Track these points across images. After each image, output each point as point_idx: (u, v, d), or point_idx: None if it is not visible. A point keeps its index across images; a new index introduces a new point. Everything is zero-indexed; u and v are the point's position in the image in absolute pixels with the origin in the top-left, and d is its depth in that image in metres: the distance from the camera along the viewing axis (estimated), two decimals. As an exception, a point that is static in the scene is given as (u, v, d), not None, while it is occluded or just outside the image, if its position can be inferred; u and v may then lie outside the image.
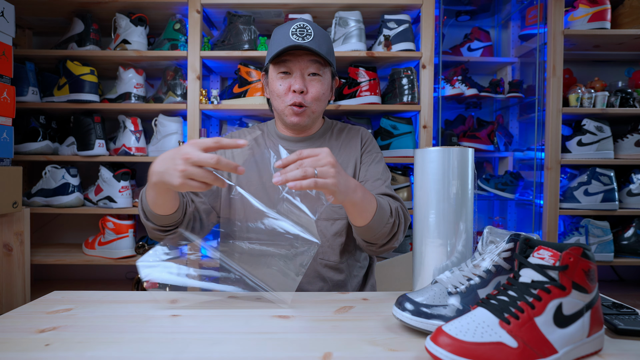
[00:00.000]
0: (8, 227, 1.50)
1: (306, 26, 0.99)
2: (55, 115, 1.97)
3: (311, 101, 1.02)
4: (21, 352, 0.58)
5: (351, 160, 1.09)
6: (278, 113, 1.07)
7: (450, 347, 0.51)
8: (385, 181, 1.07)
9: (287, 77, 1.02)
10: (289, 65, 1.01)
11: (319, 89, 1.02)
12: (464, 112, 2.24)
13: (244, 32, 1.77)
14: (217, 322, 0.70)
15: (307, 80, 1.02)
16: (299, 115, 1.02)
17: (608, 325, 0.65)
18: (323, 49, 1.00)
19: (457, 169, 0.78)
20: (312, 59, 1.01)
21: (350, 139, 1.13)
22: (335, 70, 1.09)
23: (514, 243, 0.65)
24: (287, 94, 1.02)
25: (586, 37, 1.87)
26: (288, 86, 1.01)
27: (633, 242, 1.90)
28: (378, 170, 1.08)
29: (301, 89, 0.99)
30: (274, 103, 1.06)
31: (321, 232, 1.04)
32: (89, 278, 2.15)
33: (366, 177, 1.07)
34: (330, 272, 1.04)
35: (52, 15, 1.91)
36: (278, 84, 1.02)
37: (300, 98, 1.00)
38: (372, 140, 1.15)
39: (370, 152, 1.12)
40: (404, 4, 1.77)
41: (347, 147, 1.11)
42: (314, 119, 1.07)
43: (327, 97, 1.07)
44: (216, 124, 2.14)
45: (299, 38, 0.97)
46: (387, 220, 0.92)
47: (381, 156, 1.13)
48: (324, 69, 1.04)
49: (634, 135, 1.90)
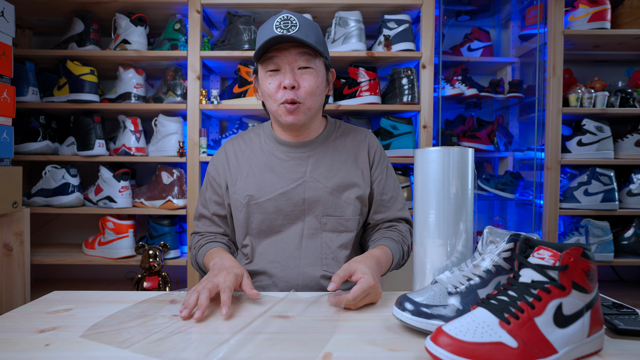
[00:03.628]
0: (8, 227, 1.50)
1: (290, 17, 0.91)
2: (55, 115, 1.97)
3: (305, 96, 0.95)
4: (21, 352, 0.58)
5: (358, 169, 1.04)
6: (273, 115, 1.00)
7: (450, 347, 0.51)
8: (397, 198, 1.09)
9: (276, 74, 0.95)
10: (276, 61, 0.94)
11: (311, 83, 0.95)
12: (464, 112, 2.24)
13: (244, 32, 1.77)
14: (217, 322, 0.70)
15: (297, 74, 0.94)
16: (293, 113, 0.95)
17: (608, 325, 0.65)
18: (311, 38, 0.92)
19: (457, 169, 0.78)
20: (300, 50, 0.93)
21: (357, 145, 1.07)
22: (329, 61, 1.02)
23: (514, 243, 0.65)
24: (278, 92, 0.95)
25: (586, 37, 1.87)
26: (278, 83, 0.94)
27: (633, 242, 1.90)
28: (390, 185, 1.08)
29: (292, 84, 0.92)
30: (267, 104, 1.00)
31: (326, 244, 1.00)
32: (89, 278, 2.15)
33: (382, 197, 1.07)
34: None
35: (52, 15, 1.90)
36: (267, 83, 0.95)
37: (292, 94, 0.93)
38: (380, 148, 1.10)
39: (381, 163, 1.08)
40: (404, 4, 1.77)
41: (353, 154, 1.05)
42: (311, 117, 0.99)
43: (322, 91, 1.00)
44: (216, 123, 2.14)
45: (283, 30, 0.89)
46: (399, 264, 1.01)
47: (389, 163, 1.11)
48: (315, 60, 0.96)
49: (634, 135, 1.90)
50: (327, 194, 1.00)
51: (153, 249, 1.72)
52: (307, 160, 1.03)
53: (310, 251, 1.00)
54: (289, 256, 1.00)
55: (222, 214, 1.08)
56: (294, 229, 1.01)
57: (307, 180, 1.01)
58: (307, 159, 1.03)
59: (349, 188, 1.02)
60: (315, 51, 0.95)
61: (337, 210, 1.01)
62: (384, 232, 1.04)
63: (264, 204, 1.01)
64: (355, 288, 0.76)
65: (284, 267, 0.99)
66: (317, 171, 1.02)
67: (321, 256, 1.00)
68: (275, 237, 1.02)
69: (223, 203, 1.08)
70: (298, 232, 1.01)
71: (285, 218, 1.01)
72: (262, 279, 1.01)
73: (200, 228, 1.09)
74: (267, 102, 1.00)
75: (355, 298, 0.75)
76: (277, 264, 1.00)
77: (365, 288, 0.76)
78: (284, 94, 0.94)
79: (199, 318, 0.70)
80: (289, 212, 1.01)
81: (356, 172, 1.04)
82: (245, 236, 1.04)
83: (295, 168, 1.02)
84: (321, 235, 1.01)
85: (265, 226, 1.02)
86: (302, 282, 0.98)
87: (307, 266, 0.99)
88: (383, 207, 1.07)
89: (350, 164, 1.04)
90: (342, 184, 1.02)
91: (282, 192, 1.00)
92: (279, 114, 0.97)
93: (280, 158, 1.04)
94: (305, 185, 1.01)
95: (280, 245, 1.01)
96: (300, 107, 0.95)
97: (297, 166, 1.03)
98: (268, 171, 1.03)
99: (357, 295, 0.75)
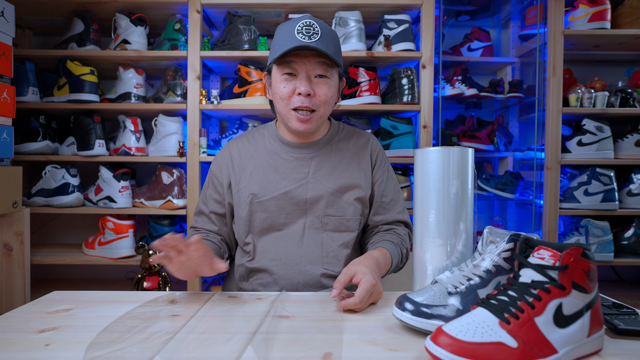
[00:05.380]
0: (8, 227, 1.50)
1: (313, 24, 0.92)
2: (55, 115, 1.97)
3: (319, 104, 0.96)
4: (21, 352, 0.58)
5: (360, 170, 1.05)
6: (281, 117, 1.01)
7: (450, 347, 0.51)
8: (397, 201, 1.09)
9: (292, 79, 0.96)
10: (294, 66, 0.95)
11: (326, 92, 0.96)
12: (464, 112, 2.24)
13: (244, 32, 1.77)
14: (217, 322, 0.70)
15: (313, 82, 0.96)
16: (306, 123, 0.97)
17: (608, 325, 0.65)
18: (331, 49, 0.93)
19: (457, 169, 0.78)
20: (319, 60, 0.94)
21: (360, 147, 1.08)
22: (342, 71, 1.03)
23: (514, 243, 0.65)
24: (292, 97, 0.96)
25: (586, 37, 1.87)
26: (293, 89, 0.95)
27: (633, 242, 1.90)
28: (391, 188, 1.09)
29: (307, 91, 0.93)
30: (277, 106, 1.00)
31: (327, 243, 1.01)
32: (89, 278, 2.15)
33: (382, 198, 1.07)
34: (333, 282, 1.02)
35: (52, 15, 1.90)
36: (282, 86, 0.96)
37: (307, 101, 0.94)
38: (381, 151, 1.11)
39: (382, 165, 1.09)
40: (404, 4, 1.77)
41: (356, 156, 1.07)
42: (321, 124, 1.01)
43: (334, 100, 1.02)
44: (216, 124, 2.14)
45: (305, 37, 0.90)
46: (397, 267, 1.02)
47: (390, 166, 1.12)
48: (332, 70, 0.97)
49: (634, 135, 1.90)
50: (329, 194, 1.01)
51: (153, 249, 1.72)
52: (310, 161, 1.04)
53: (312, 249, 1.00)
54: (290, 254, 1.00)
55: (221, 212, 1.09)
56: (296, 227, 1.02)
57: (309, 180, 1.02)
58: (310, 160, 1.04)
59: (350, 189, 1.03)
60: (332, 61, 0.96)
61: (338, 210, 1.02)
62: (383, 234, 1.05)
63: (267, 202, 1.02)
64: (359, 290, 0.76)
65: (285, 264, 1.00)
66: (320, 172, 1.03)
67: (322, 254, 1.00)
68: (276, 235, 1.03)
69: (223, 202, 1.08)
70: (299, 230, 1.01)
71: (288, 217, 1.02)
72: (263, 277, 1.01)
73: (198, 224, 1.11)
74: (277, 104, 1.00)
75: (362, 300, 0.75)
76: (278, 262, 1.00)
77: (368, 287, 0.76)
78: (298, 100, 0.95)
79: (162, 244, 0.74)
80: (291, 211, 1.02)
81: (358, 174, 1.05)
82: (247, 234, 1.05)
83: (298, 168, 1.03)
84: (322, 234, 1.02)
85: (267, 224, 1.02)
86: (303, 280, 0.99)
87: (308, 264, 0.99)
88: (382, 209, 1.08)
89: (352, 166, 1.05)
90: (344, 185, 1.03)
91: (284, 192, 1.01)
92: (288, 118, 0.98)
93: (284, 158, 1.05)
94: (307, 185, 1.02)
95: (282, 244, 1.01)
96: (313, 116, 0.97)
97: (300, 167, 1.04)
98: (272, 170, 1.04)
99: (363, 295, 0.75)
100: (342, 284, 0.78)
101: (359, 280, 0.78)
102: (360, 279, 0.78)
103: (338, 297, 0.79)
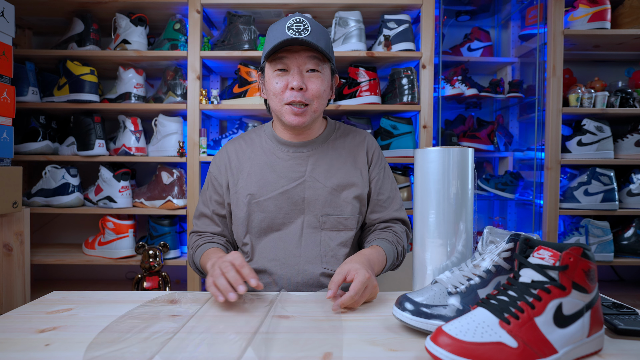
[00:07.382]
0: (8, 227, 1.50)
1: (303, 20, 0.94)
2: (55, 115, 1.97)
3: (312, 98, 0.97)
4: (21, 352, 0.58)
5: (356, 169, 1.06)
6: (276, 114, 1.02)
7: (450, 347, 0.51)
8: (394, 199, 1.09)
9: (284, 75, 0.97)
10: (285, 62, 0.96)
11: (319, 86, 0.97)
12: (464, 112, 2.24)
13: (244, 32, 1.77)
14: (217, 322, 0.70)
15: (305, 77, 0.97)
16: (300, 116, 0.97)
17: (608, 325, 0.65)
18: (321, 43, 0.95)
19: (457, 169, 0.78)
20: (310, 54, 0.96)
21: (356, 145, 1.08)
22: (334, 67, 1.04)
23: (514, 243, 0.65)
24: (285, 92, 0.96)
25: (586, 37, 1.87)
26: (285, 84, 0.96)
27: (633, 242, 1.90)
28: (387, 186, 1.09)
29: (299, 85, 0.94)
30: (271, 103, 1.01)
31: (325, 242, 1.01)
32: (89, 278, 2.15)
33: (379, 196, 1.07)
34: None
35: (52, 15, 1.90)
36: (275, 82, 0.97)
37: (300, 96, 0.95)
38: (378, 149, 1.12)
39: (378, 163, 1.09)
40: (404, 4, 1.77)
41: (352, 154, 1.07)
42: (315, 118, 1.02)
43: (327, 95, 1.03)
44: (216, 124, 2.14)
45: (295, 33, 0.92)
46: (393, 264, 1.02)
47: (387, 164, 1.12)
48: (323, 64, 0.99)
49: (634, 135, 1.90)
50: (326, 193, 1.02)
51: (153, 249, 1.72)
52: (307, 160, 1.04)
53: (310, 249, 1.00)
54: (288, 254, 1.00)
55: (222, 213, 1.09)
56: (294, 227, 1.02)
57: (306, 179, 1.02)
58: (307, 159, 1.04)
59: (347, 188, 1.03)
60: (324, 56, 0.98)
61: (335, 209, 1.02)
62: (379, 232, 1.05)
63: (265, 202, 1.02)
64: (353, 284, 0.77)
65: (284, 264, 1.00)
66: (317, 171, 1.03)
67: (321, 254, 1.01)
68: (275, 235, 1.03)
69: (223, 202, 1.08)
70: (298, 230, 1.02)
71: (286, 216, 1.02)
72: (262, 277, 1.01)
73: (200, 227, 1.10)
74: (271, 101, 1.01)
75: (357, 292, 0.75)
76: (277, 262, 1.00)
77: (362, 280, 0.77)
78: (291, 95, 0.96)
79: (244, 291, 0.74)
80: (289, 210, 1.02)
81: (355, 172, 1.05)
82: (245, 234, 1.05)
83: (295, 167, 1.03)
84: (320, 233, 1.02)
85: (265, 224, 1.02)
86: (302, 279, 0.99)
87: (307, 264, 0.99)
88: (379, 207, 1.08)
89: (349, 164, 1.05)
90: (341, 183, 1.03)
91: (282, 191, 1.02)
92: (282, 113, 0.99)
93: (281, 157, 1.05)
94: (305, 184, 1.02)
95: (280, 244, 1.02)
96: (307, 110, 0.98)
97: (297, 165, 1.04)
98: (269, 170, 1.04)
99: (358, 288, 0.76)
100: (337, 284, 0.79)
101: (353, 276, 0.78)
102: (354, 274, 0.78)
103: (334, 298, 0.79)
